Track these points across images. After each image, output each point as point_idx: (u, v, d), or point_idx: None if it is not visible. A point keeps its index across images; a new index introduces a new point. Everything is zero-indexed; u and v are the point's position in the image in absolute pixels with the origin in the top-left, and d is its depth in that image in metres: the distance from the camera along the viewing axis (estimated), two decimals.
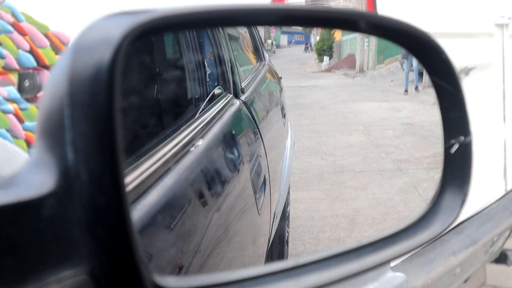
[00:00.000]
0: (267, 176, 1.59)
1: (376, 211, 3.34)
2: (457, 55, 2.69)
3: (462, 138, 0.85)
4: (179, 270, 0.82)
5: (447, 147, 0.86)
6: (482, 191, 2.80)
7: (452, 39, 2.56)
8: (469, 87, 2.65)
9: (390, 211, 3.28)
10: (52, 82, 0.53)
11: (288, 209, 2.44)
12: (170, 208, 0.80)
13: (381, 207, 3.33)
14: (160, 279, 0.54)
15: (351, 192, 3.40)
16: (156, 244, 0.71)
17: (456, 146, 0.85)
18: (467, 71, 2.73)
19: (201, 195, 0.97)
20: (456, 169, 0.86)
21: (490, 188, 2.99)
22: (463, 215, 2.52)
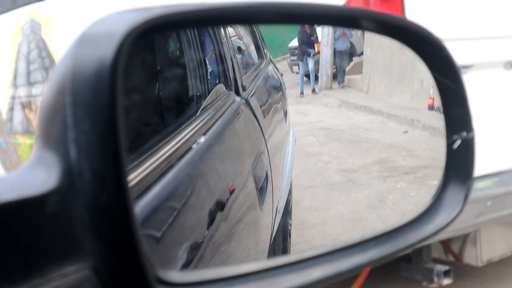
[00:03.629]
0: (269, 172, 1.59)
1: (357, 237, 2.94)
2: (504, 51, 2.87)
3: (464, 134, 0.85)
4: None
5: (449, 143, 0.86)
6: None
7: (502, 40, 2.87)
8: None
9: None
10: (55, 80, 0.54)
11: (290, 204, 2.42)
12: (172, 205, 0.81)
13: (360, 230, 2.96)
14: (164, 274, 0.55)
15: (314, 215, 2.95)
16: (159, 239, 0.72)
17: (458, 142, 0.85)
18: None
19: (203, 191, 0.97)
20: (459, 164, 0.86)
21: None
22: (506, 166, 2.93)
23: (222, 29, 1.68)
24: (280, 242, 2.14)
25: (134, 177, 0.73)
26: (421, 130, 3.29)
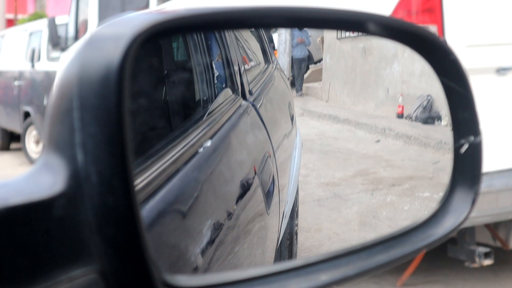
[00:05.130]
0: (275, 176, 1.59)
1: (365, 241, 2.73)
2: None
3: (472, 138, 0.85)
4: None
5: (457, 147, 0.86)
6: None
7: None
8: None
9: None
10: (62, 83, 0.54)
11: (296, 209, 2.39)
12: (178, 208, 0.81)
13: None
14: (170, 278, 0.55)
15: (307, 237, 2.75)
16: (166, 243, 0.72)
17: (465, 146, 0.85)
18: None
19: (210, 195, 0.97)
20: (466, 169, 0.85)
21: None
22: None
23: (229, 34, 1.68)
24: (286, 246, 2.13)
25: (140, 181, 0.73)
26: (394, 139, 3.23)
